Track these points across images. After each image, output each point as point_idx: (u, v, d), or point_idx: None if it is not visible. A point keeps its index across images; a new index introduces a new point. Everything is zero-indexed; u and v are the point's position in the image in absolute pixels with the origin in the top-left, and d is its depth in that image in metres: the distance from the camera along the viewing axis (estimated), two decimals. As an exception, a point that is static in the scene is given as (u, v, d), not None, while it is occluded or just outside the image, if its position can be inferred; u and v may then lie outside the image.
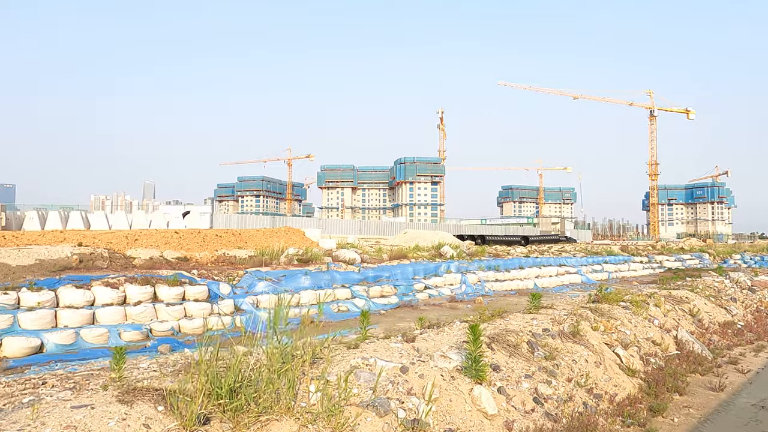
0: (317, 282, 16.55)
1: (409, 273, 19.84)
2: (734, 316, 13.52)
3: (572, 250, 34.14)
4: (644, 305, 11.02)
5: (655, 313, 11.06)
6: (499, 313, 9.53)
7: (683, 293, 13.45)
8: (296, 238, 22.82)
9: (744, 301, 15.17)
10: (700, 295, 13.80)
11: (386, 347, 7.00)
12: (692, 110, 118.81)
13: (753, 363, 10.49)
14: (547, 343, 7.69)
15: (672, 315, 11.59)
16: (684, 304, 12.58)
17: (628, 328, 9.68)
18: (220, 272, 16.46)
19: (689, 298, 13.16)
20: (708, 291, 14.73)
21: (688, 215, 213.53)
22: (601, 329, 8.71)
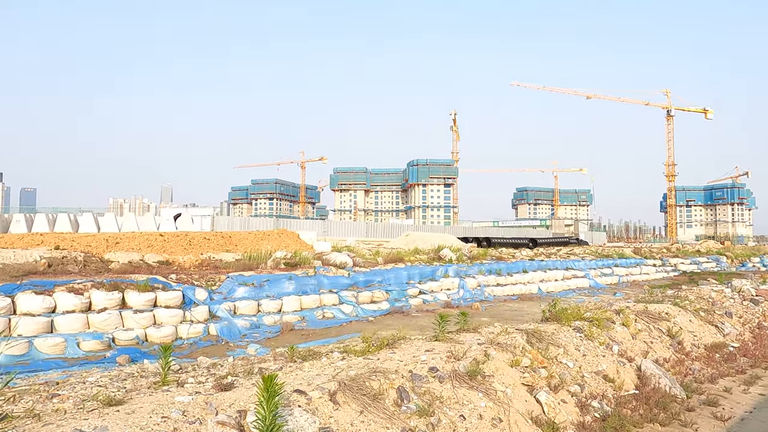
0: (302, 287, 15.77)
1: (404, 277, 18.98)
2: (726, 335, 11.55)
3: (581, 253, 32.99)
4: (608, 325, 9.13)
5: (621, 336, 9.24)
6: (390, 341, 7.33)
7: (663, 308, 11.44)
8: (290, 240, 22.06)
9: (743, 316, 13.17)
10: (687, 309, 11.86)
11: (167, 402, 4.71)
12: (710, 110, 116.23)
13: (739, 403, 8.27)
14: (430, 389, 5.65)
15: (643, 337, 9.69)
16: (661, 323, 10.52)
17: (572, 359, 7.60)
18: (201, 277, 15.74)
19: (669, 314, 11.13)
20: (700, 303, 12.82)
21: (707, 217, 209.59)
22: (524, 364, 6.73)
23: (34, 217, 20.79)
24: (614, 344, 8.65)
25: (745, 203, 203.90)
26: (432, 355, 6.52)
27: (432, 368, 6.03)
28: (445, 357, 6.43)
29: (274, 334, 13.36)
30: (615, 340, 8.91)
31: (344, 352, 7.08)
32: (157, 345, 11.83)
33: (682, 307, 11.88)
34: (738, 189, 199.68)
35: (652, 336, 9.93)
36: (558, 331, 8.26)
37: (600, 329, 8.74)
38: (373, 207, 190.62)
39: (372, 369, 5.76)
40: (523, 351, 6.93)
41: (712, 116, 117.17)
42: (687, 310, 11.82)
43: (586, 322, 8.71)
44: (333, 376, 5.57)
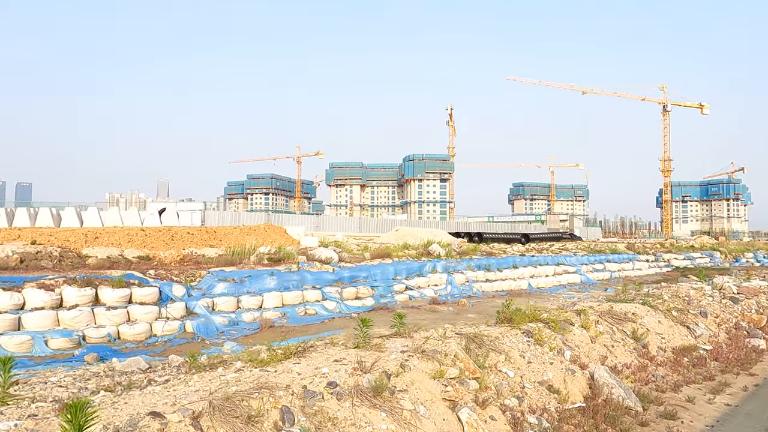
0: (285, 283, 15.46)
1: (390, 273, 18.68)
2: (698, 337, 10.73)
3: (574, 248, 32.74)
4: (565, 328, 8.27)
5: (579, 340, 8.39)
6: (301, 348, 6.55)
7: (630, 308, 10.58)
8: (276, 235, 21.73)
9: (719, 316, 12.34)
10: (658, 309, 11.02)
11: None
12: (706, 105, 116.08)
13: (701, 415, 7.39)
14: (324, 409, 4.78)
15: (604, 340, 8.85)
16: (627, 324, 9.66)
17: (514, 367, 6.79)
18: (181, 272, 15.43)
19: (637, 315, 10.28)
20: (674, 302, 11.96)
21: (702, 212, 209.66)
22: (450, 375, 5.86)
23: (15, 211, 20.38)
24: (567, 349, 7.84)
25: (740, 199, 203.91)
26: (338, 367, 5.62)
27: (331, 383, 5.17)
28: (352, 369, 5.52)
29: (252, 331, 13.05)
30: (570, 344, 8.17)
31: (249, 361, 6.19)
32: (131, 342, 11.57)
33: (652, 306, 11.10)
34: (734, 184, 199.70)
35: (615, 339, 9.16)
36: (504, 335, 7.55)
37: (555, 332, 8.03)
38: (369, 202, 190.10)
39: (259, 384, 4.90)
40: (454, 359, 6.12)
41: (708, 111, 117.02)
42: (658, 309, 11.03)
43: (541, 324, 8.08)
44: (211, 392, 4.78)
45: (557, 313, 9.09)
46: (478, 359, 6.54)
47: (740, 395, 8.37)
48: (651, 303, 11.32)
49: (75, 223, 20.83)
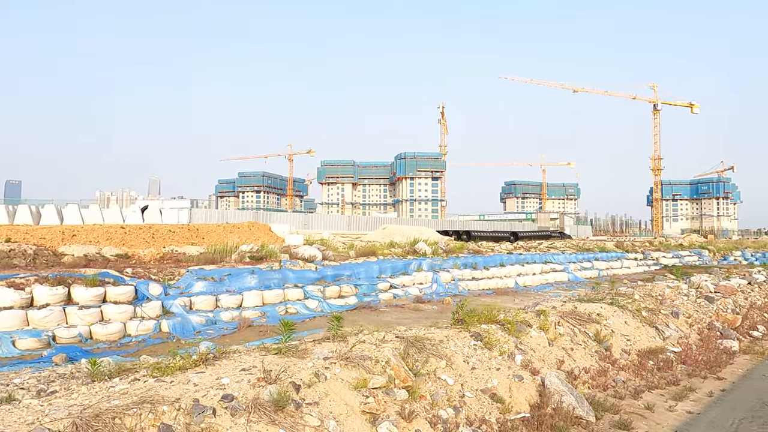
0: (266, 281, 15.21)
1: (375, 271, 18.47)
2: (667, 339, 10.23)
3: (562, 246, 32.68)
4: (522, 329, 7.80)
5: (535, 342, 7.90)
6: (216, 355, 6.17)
7: (595, 308, 10.06)
8: (260, 233, 21.46)
9: (692, 316, 11.86)
10: (627, 309, 10.55)
11: None
12: (696, 104, 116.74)
13: (659, 425, 6.90)
14: (212, 426, 4.25)
15: (563, 343, 8.31)
16: (590, 325, 9.15)
17: (455, 374, 6.26)
18: (159, 271, 15.15)
19: (602, 316, 9.77)
20: (646, 302, 11.48)
21: (692, 211, 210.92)
22: (375, 384, 5.34)
23: (-6, 209, 20.02)
24: (519, 353, 7.30)
25: (730, 197, 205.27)
26: (242, 377, 4.97)
27: (227, 396, 4.59)
28: (256, 379, 4.90)
29: (230, 331, 12.79)
30: (524, 347, 7.64)
31: (156, 369, 5.55)
32: (104, 342, 11.30)
33: (621, 306, 10.60)
34: (723, 183, 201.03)
35: (576, 341, 8.62)
36: (451, 339, 6.99)
37: (509, 335, 7.55)
38: (361, 200, 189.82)
39: (143, 398, 4.29)
40: (384, 367, 5.59)
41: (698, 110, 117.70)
42: (627, 310, 10.54)
43: (497, 325, 7.72)
44: (84, 407, 4.20)
45: (515, 314, 8.61)
46: (415, 365, 6.11)
47: (704, 401, 7.91)
48: (620, 303, 10.91)
49: (55, 221, 20.48)
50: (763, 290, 15.78)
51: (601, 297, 11.72)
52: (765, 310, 13.86)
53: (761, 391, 8.27)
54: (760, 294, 15.16)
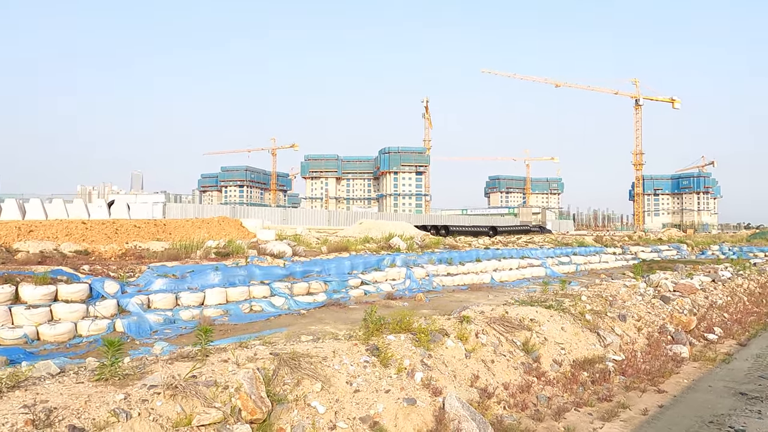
0: (230, 278, 14.73)
1: (346, 267, 18.06)
2: (608, 346, 9.34)
3: (541, 241, 32.53)
4: (437, 339, 6.87)
5: (449, 355, 6.95)
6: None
7: (528, 312, 9.12)
8: (230, 228, 20.94)
9: (643, 318, 10.94)
10: (569, 312, 9.66)
11: None
12: (678, 99, 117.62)
13: None
14: None
15: (483, 354, 7.34)
16: (520, 333, 8.22)
17: (331, 399, 5.33)
18: (119, 267, 14.61)
19: (535, 321, 8.84)
20: (593, 304, 10.60)
21: (674, 206, 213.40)
22: (203, 421, 4.32)
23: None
24: (421, 370, 6.24)
25: (710, 192, 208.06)
26: (7, 419, 3.84)
27: None
28: (23, 422, 3.76)
29: (189, 330, 12.31)
30: (433, 362, 6.61)
31: None
32: (52, 343, 10.78)
33: (562, 309, 9.64)
34: (704, 178, 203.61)
35: (500, 352, 7.61)
36: (338, 354, 6.02)
37: (419, 346, 6.63)
38: (345, 195, 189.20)
39: None
40: (231, 395, 4.62)
41: (679, 106, 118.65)
42: (568, 313, 9.59)
43: (410, 334, 6.90)
44: None
45: (432, 321, 7.72)
46: (283, 390, 5.15)
47: (636, 421, 6.99)
48: (561, 306, 10.01)
49: (16, 216, 19.78)
50: (728, 288, 15.31)
51: (545, 299, 10.92)
52: (726, 309, 13.30)
53: (704, 407, 7.47)
54: (723, 292, 14.64)
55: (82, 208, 21.57)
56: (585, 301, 10.79)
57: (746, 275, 17.97)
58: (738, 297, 15.03)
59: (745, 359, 10.18)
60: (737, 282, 16.53)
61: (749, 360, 10.13)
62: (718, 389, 8.26)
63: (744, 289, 16.27)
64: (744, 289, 16.27)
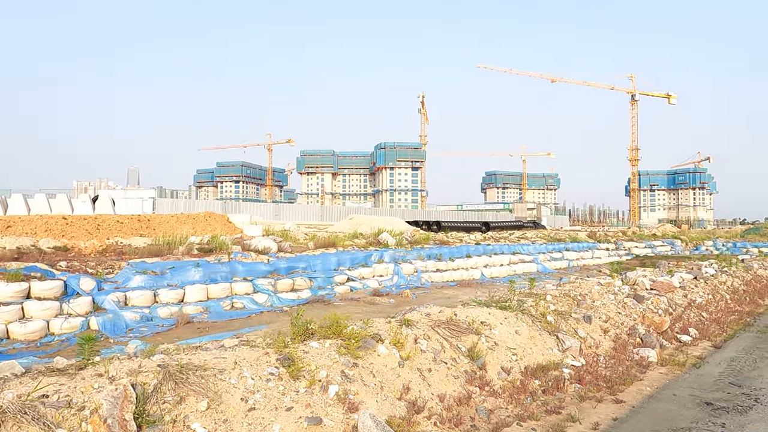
0: (212, 275, 14.45)
1: (333, 263, 17.79)
2: (566, 350, 8.50)
3: (533, 236, 32.34)
4: (369, 346, 6.18)
5: (380, 364, 6.22)
6: None
7: (480, 314, 8.26)
8: (217, 224, 20.65)
9: (611, 319, 10.15)
10: (527, 313, 8.84)
11: None
12: (674, 95, 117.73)
13: None
14: None
15: (419, 362, 6.60)
16: (467, 337, 7.45)
17: (217, 420, 4.56)
18: (98, 264, 14.33)
19: (487, 324, 8.01)
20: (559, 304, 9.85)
21: (670, 201, 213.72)
22: None
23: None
24: (337, 383, 5.46)
25: (706, 188, 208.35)
26: None
27: None
28: None
29: (166, 328, 12.06)
30: (357, 372, 5.84)
31: None
32: (23, 342, 10.50)
33: (521, 311, 8.80)
34: (700, 174, 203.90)
35: (441, 359, 6.84)
36: (240, 364, 5.20)
37: (344, 354, 5.89)
38: (341, 190, 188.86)
39: None
40: (85, 418, 3.82)
41: (675, 101, 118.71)
42: (527, 314, 8.75)
43: (340, 340, 6.15)
44: None
45: (366, 325, 6.88)
46: (162, 409, 4.38)
47: None
48: (519, 307, 9.13)
49: (-2, 211, 19.46)
50: (710, 285, 14.80)
51: (506, 298, 9.98)
52: (705, 308, 12.73)
53: (663, 419, 6.75)
54: (705, 290, 14.10)
55: (66, 204, 21.24)
56: (550, 300, 10.00)
57: (731, 272, 17.47)
58: (720, 295, 14.51)
59: (718, 363, 9.57)
60: (721, 279, 16.03)
61: (722, 364, 9.51)
62: (683, 398, 7.58)
63: (728, 286, 15.72)
64: (728, 286, 15.72)
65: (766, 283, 17.96)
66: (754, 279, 17.99)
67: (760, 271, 19.34)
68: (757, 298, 15.97)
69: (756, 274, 18.85)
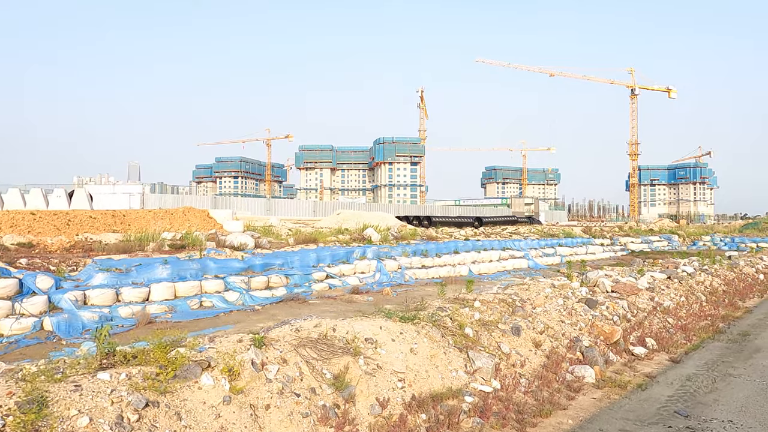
0: (181, 272, 13.88)
1: (311, 260, 17.21)
2: (476, 372, 6.90)
3: (526, 232, 31.72)
4: (189, 374, 4.81)
5: (200, 400, 4.69)
6: None
7: (366, 328, 6.72)
8: (196, 219, 20.07)
9: (550, 329, 8.53)
10: (438, 326, 7.36)
11: None
12: (674, 89, 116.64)
13: None
14: None
15: (258, 394, 5.08)
16: (340, 359, 5.98)
17: None
18: (62, 261, 13.76)
19: (374, 341, 6.49)
20: (487, 312, 8.36)
21: (670, 196, 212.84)
22: None
23: None
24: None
25: (707, 182, 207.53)
26: None
27: None
28: None
29: (126, 328, 11.48)
30: (150, 414, 4.32)
31: None
32: (-33, 344, 9.94)
33: (432, 322, 7.22)
34: (701, 168, 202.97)
35: (292, 389, 5.28)
36: None
37: (147, 389, 4.49)
38: (340, 186, 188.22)
39: None
40: None
41: (675, 95, 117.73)
42: (439, 326, 7.19)
43: (155, 368, 4.77)
44: None
45: (190, 344, 5.42)
46: None
47: None
48: (430, 317, 7.58)
49: (-31, 207, 18.90)
50: (684, 286, 13.63)
51: (414, 307, 8.52)
52: (673, 313, 11.36)
53: None
54: (677, 292, 12.88)
55: (40, 199, 20.69)
56: (477, 307, 8.48)
57: (713, 270, 16.44)
58: (695, 297, 13.38)
59: (669, 383, 7.85)
60: (698, 279, 14.87)
61: (674, 384, 7.81)
62: (610, 436, 6.10)
63: (706, 286, 14.65)
64: (706, 286, 14.65)
65: (750, 282, 16.81)
66: (738, 278, 16.91)
67: (746, 269, 18.33)
68: (737, 300, 14.72)
69: (741, 272, 17.85)
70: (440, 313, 8.06)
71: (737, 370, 8.58)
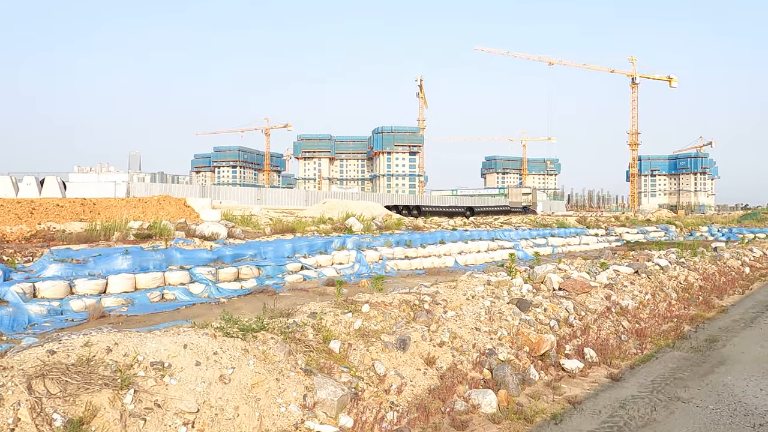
0: (143, 263, 13.22)
1: (287, 250, 16.54)
2: (316, 405, 5.15)
3: (518, 221, 31.03)
4: None
5: None
6: None
7: (164, 348, 4.99)
8: (171, 208, 19.38)
9: (458, 339, 6.87)
10: (289, 340, 5.71)
11: None
12: (675, 78, 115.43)
13: None
14: None
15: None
16: (98, 395, 4.21)
17: None
18: (17, 251, 13.12)
19: (159, 367, 4.78)
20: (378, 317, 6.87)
21: (671, 186, 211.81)
22: None
23: None
24: None
25: (708, 173, 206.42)
26: None
27: None
28: None
29: (76, 323, 10.82)
30: None
31: None
32: None
33: (285, 334, 5.66)
34: (701, 159, 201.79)
35: None
36: None
37: None
38: (339, 175, 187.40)
39: None
40: None
41: (676, 84, 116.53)
42: (292, 340, 5.62)
43: None
44: None
45: None
46: None
47: None
48: (283, 328, 5.96)
49: (-65, 195, 18.25)
50: (653, 281, 12.18)
51: (285, 312, 7.04)
52: (632, 314, 9.80)
53: None
54: (643, 289, 11.35)
55: (9, 187, 20.01)
56: (365, 312, 6.85)
57: (690, 264, 15.11)
58: (664, 294, 11.88)
59: (596, 412, 6.10)
60: (671, 273, 13.29)
61: (602, 414, 6.07)
62: None
63: (680, 282, 13.20)
64: (680, 282, 13.20)
65: (733, 276, 15.60)
66: (720, 271, 15.71)
67: (731, 262, 17.24)
68: (713, 297, 13.22)
69: (725, 264, 16.71)
70: (307, 321, 6.48)
71: (689, 392, 6.89)
